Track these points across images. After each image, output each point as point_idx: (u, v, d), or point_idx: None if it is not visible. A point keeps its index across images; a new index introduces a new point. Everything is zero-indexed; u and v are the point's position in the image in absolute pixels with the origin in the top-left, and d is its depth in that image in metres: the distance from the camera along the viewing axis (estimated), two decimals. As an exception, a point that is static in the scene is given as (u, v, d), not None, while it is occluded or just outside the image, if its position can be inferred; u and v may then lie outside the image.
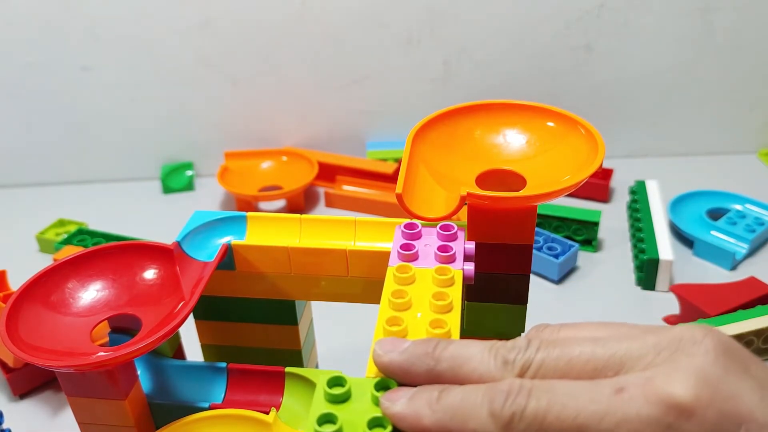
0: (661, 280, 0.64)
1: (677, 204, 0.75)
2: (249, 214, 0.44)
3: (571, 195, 0.71)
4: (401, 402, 0.27)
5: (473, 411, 0.25)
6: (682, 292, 0.59)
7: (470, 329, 0.44)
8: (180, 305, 0.38)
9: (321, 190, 0.84)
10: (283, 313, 0.46)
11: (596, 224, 0.70)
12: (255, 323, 0.46)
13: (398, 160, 0.84)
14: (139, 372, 0.42)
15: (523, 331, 0.44)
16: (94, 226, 0.77)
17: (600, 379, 0.25)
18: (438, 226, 0.39)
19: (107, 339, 0.42)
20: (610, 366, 0.25)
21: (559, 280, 0.67)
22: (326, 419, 0.28)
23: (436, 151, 0.42)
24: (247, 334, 0.47)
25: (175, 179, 0.86)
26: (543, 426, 0.24)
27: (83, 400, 0.37)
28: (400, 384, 0.29)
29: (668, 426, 0.23)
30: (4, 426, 0.50)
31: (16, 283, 0.57)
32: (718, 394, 0.24)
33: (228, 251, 0.42)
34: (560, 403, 0.24)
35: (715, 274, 0.67)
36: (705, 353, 0.25)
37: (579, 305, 0.63)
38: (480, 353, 0.27)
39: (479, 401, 0.25)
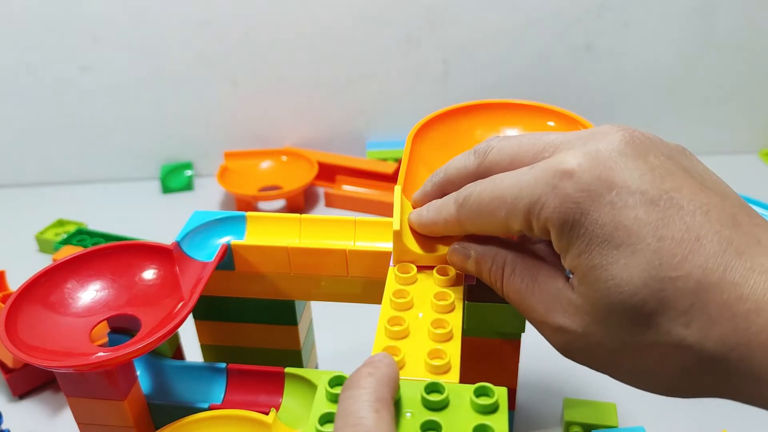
0: (662, 280, 0.64)
1: (677, 204, 0.75)
2: (248, 214, 0.44)
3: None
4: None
5: (447, 201, 0.34)
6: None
7: (471, 329, 0.44)
8: (179, 305, 0.38)
9: (321, 190, 0.84)
10: (283, 313, 0.46)
11: (596, 224, 0.70)
12: (255, 323, 0.46)
13: (398, 160, 0.84)
14: (138, 372, 0.42)
15: (524, 331, 0.44)
16: (93, 226, 0.77)
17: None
18: (438, 226, 0.39)
19: (107, 339, 0.42)
20: (547, 149, 0.31)
21: (560, 280, 0.66)
22: (328, 419, 0.28)
23: (436, 151, 0.42)
24: (247, 334, 0.47)
25: (175, 179, 0.86)
26: (480, 201, 0.32)
27: (83, 400, 0.37)
28: None
29: (553, 186, 0.28)
30: (4, 426, 0.50)
31: (15, 283, 0.56)
32: (599, 164, 0.28)
33: (227, 251, 0.42)
34: (493, 184, 0.31)
35: (715, 274, 0.67)
36: (608, 140, 0.29)
37: (579, 305, 0.63)
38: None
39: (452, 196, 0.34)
